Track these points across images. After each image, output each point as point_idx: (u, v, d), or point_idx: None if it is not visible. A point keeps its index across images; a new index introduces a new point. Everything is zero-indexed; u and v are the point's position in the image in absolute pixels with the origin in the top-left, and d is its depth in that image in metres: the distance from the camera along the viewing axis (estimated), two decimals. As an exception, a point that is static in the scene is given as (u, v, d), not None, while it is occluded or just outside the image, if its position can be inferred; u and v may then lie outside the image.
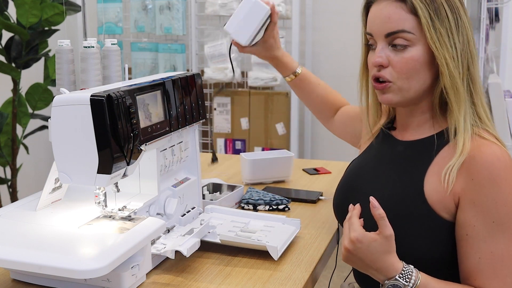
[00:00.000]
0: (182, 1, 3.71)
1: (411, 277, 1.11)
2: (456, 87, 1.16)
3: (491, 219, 1.11)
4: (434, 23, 1.15)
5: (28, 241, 1.14)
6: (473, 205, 1.12)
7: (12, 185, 3.16)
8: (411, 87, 1.20)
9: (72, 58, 1.36)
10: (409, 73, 1.18)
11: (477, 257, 1.12)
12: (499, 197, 1.10)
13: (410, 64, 1.18)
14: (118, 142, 1.11)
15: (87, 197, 1.31)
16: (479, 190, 1.11)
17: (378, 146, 1.33)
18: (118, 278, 1.13)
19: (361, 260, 1.13)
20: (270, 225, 1.48)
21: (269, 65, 3.64)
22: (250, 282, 1.23)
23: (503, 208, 1.10)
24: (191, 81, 1.44)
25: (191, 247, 1.25)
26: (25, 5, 2.88)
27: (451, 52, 1.15)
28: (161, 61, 3.83)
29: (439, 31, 1.15)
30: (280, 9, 3.54)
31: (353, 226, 1.14)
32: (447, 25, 1.16)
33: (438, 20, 1.15)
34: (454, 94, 1.16)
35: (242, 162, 1.91)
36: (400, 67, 1.18)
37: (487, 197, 1.11)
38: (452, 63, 1.15)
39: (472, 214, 1.12)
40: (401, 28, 1.17)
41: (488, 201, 1.11)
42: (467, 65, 1.18)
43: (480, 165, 1.12)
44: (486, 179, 1.11)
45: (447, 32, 1.15)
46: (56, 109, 1.12)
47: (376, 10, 1.21)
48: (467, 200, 1.13)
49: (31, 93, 3.17)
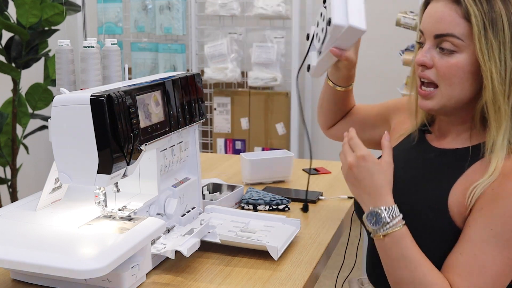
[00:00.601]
0: (182, 1, 3.71)
1: (394, 217, 1.12)
2: (498, 104, 1.11)
3: (489, 226, 1.07)
4: (487, 33, 1.09)
5: (28, 241, 1.14)
6: (480, 210, 1.09)
7: (12, 185, 3.16)
8: (453, 95, 1.15)
9: (72, 58, 1.36)
10: (452, 80, 1.14)
11: (459, 252, 1.10)
12: (508, 211, 1.06)
13: (453, 70, 1.13)
14: (118, 142, 1.11)
15: (87, 197, 1.31)
16: (493, 199, 1.08)
17: (410, 148, 1.29)
18: (118, 278, 1.13)
19: (359, 181, 1.15)
20: (270, 225, 1.48)
21: (269, 65, 3.64)
22: (250, 282, 1.23)
23: (508, 224, 1.06)
24: (191, 81, 1.44)
25: (191, 247, 1.25)
26: (25, 5, 2.88)
27: (498, 67, 1.10)
28: (161, 61, 3.83)
29: (491, 43, 1.09)
30: (280, 9, 3.54)
31: (359, 146, 1.15)
32: (501, 38, 1.10)
33: (492, 31, 1.09)
34: (494, 111, 1.11)
35: (242, 162, 1.91)
36: (444, 71, 1.14)
37: (497, 208, 1.07)
38: (498, 79, 1.10)
39: (475, 217, 1.10)
40: (451, 32, 1.13)
41: (496, 211, 1.07)
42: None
43: (505, 179, 1.08)
44: (506, 191, 1.07)
45: (499, 46, 1.10)
46: (56, 109, 1.12)
47: (431, 8, 1.17)
48: (477, 206, 1.10)
49: (31, 93, 3.17)
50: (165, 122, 1.30)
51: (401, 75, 3.47)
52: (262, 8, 3.56)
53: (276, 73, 3.64)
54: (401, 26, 3.27)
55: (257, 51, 3.65)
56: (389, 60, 3.80)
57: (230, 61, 3.69)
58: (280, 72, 3.66)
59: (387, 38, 3.80)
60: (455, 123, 1.21)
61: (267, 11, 3.56)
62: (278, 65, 3.64)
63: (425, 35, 1.18)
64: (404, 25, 3.25)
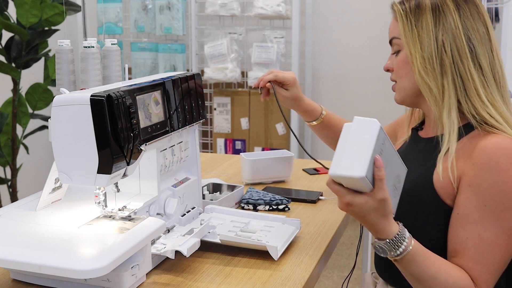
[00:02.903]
0: (182, 1, 3.71)
1: (399, 246, 1.11)
2: (427, 84, 1.24)
3: (483, 203, 1.14)
4: (411, 23, 1.26)
5: (28, 241, 1.14)
6: (468, 187, 1.16)
7: (12, 185, 3.16)
8: (405, 87, 1.30)
9: (72, 58, 1.36)
10: (400, 73, 1.31)
11: (465, 236, 1.15)
12: (496, 184, 1.13)
13: (400, 64, 1.30)
14: (118, 142, 1.11)
15: (87, 197, 1.31)
16: (477, 173, 1.14)
17: (406, 145, 1.41)
18: (118, 278, 1.13)
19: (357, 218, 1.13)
20: (270, 225, 1.48)
21: (269, 65, 3.65)
22: (250, 282, 1.23)
23: (498, 196, 1.13)
24: (191, 81, 1.44)
25: (191, 247, 1.25)
26: (25, 5, 2.88)
27: (423, 49, 1.23)
28: (161, 61, 3.83)
29: (414, 31, 1.25)
30: (280, 9, 3.54)
31: (340, 193, 1.10)
32: (423, 23, 1.24)
33: (414, 20, 1.25)
34: (428, 92, 1.24)
35: (242, 162, 1.91)
36: (395, 68, 1.32)
37: (483, 181, 1.14)
38: (421, 60, 1.23)
39: (466, 195, 1.16)
40: (392, 35, 1.32)
41: (484, 185, 1.14)
42: (451, 61, 1.21)
43: (482, 151, 1.15)
44: (486, 164, 1.13)
45: (424, 30, 1.24)
46: (56, 109, 1.12)
47: None
48: (465, 182, 1.16)
49: (31, 93, 3.17)
50: (165, 122, 1.30)
51: (401, 75, 3.47)
52: (262, 8, 3.56)
53: (276, 73, 3.63)
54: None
55: (257, 51, 3.65)
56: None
57: (230, 61, 3.69)
58: (280, 72, 3.66)
59: (387, 38, 3.80)
60: (428, 114, 1.34)
61: (267, 11, 3.56)
62: (278, 65, 3.64)
63: None
64: (404, 25, 3.25)
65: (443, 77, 1.22)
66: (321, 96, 4.00)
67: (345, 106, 3.97)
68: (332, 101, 3.99)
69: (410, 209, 1.24)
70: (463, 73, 1.21)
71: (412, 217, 1.23)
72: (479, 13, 1.25)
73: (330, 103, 3.99)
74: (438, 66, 1.23)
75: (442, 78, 1.22)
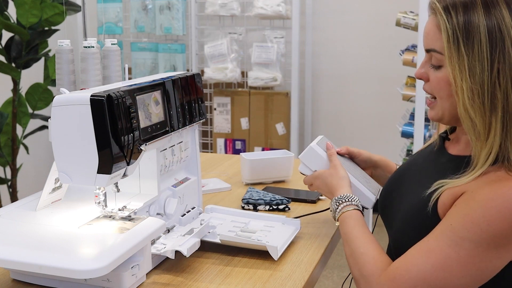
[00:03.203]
0: (182, 1, 3.71)
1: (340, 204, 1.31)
2: (471, 119, 1.07)
3: (450, 222, 1.06)
4: (459, 46, 1.06)
5: (28, 241, 1.14)
6: (453, 207, 1.08)
7: (12, 185, 3.16)
8: (447, 108, 1.15)
9: (72, 58, 1.36)
10: (441, 93, 1.14)
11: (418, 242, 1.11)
12: (475, 215, 1.03)
13: (441, 84, 1.13)
14: (118, 142, 1.11)
15: (87, 197, 1.31)
16: (467, 199, 1.06)
17: (429, 152, 1.30)
18: (118, 278, 1.13)
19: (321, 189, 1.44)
20: (270, 225, 1.48)
21: (269, 65, 3.65)
22: (250, 282, 1.23)
23: (468, 224, 1.04)
24: (191, 81, 1.44)
25: (191, 247, 1.25)
26: (25, 5, 2.88)
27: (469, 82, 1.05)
28: (161, 61, 3.83)
29: (462, 57, 1.06)
30: (280, 9, 3.54)
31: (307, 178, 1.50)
32: (476, 51, 1.05)
33: (465, 44, 1.06)
34: (471, 127, 1.08)
35: (242, 162, 1.91)
36: (434, 85, 1.15)
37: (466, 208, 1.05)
38: (468, 93, 1.06)
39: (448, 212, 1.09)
40: (433, 47, 1.13)
41: (464, 210, 1.05)
42: (504, 96, 1.05)
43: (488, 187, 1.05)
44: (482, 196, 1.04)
45: (475, 58, 1.05)
46: (56, 109, 1.12)
47: (426, 23, 1.17)
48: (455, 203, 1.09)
49: (31, 93, 3.17)
50: (165, 122, 1.30)
51: (401, 75, 3.47)
52: (262, 8, 3.56)
53: (276, 73, 3.64)
54: (401, 26, 3.27)
55: (257, 51, 3.65)
56: (389, 60, 3.80)
57: (230, 61, 3.69)
58: (280, 72, 3.66)
59: (387, 38, 3.80)
60: (464, 132, 1.19)
61: (267, 11, 3.56)
62: (278, 65, 3.65)
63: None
64: (404, 25, 3.25)
65: (492, 114, 1.06)
66: (321, 96, 4.01)
67: (345, 106, 3.97)
68: (332, 101, 3.99)
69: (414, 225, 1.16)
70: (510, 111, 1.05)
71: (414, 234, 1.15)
72: None
73: (330, 103, 3.99)
74: (488, 101, 1.05)
75: (491, 115, 1.06)
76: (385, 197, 1.35)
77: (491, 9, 1.05)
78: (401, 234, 1.20)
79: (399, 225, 1.21)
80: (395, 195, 1.30)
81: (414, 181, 1.25)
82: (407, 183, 1.27)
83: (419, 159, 1.33)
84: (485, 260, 1.04)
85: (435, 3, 1.11)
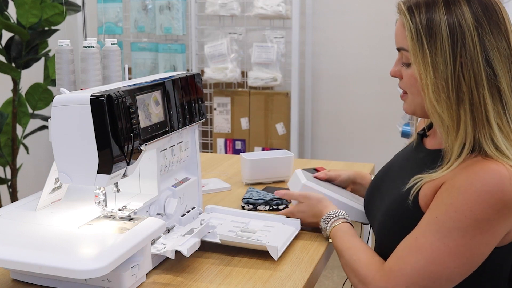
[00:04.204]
0: (182, 1, 3.71)
1: (329, 221, 1.35)
2: (439, 114, 1.10)
3: (435, 214, 1.09)
4: (423, 43, 1.10)
5: (28, 241, 1.14)
6: (435, 198, 1.11)
7: (12, 185, 3.16)
8: (417, 103, 1.18)
9: (72, 58, 1.36)
10: (412, 89, 1.18)
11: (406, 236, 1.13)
12: (456, 202, 1.06)
13: (411, 81, 1.17)
14: (118, 142, 1.11)
15: (87, 197, 1.31)
16: (448, 188, 1.09)
17: (409, 150, 1.34)
18: (118, 278, 1.13)
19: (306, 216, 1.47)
20: (270, 225, 1.48)
21: (269, 65, 3.65)
22: (250, 282, 1.23)
23: (452, 213, 1.06)
24: (191, 81, 1.44)
25: (191, 247, 1.25)
26: (25, 5, 2.88)
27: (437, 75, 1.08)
28: (161, 61, 3.83)
29: (426, 53, 1.09)
30: (280, 9, 3.54)
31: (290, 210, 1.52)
32: (438, 45, 1.08)
33: (428, 41, 1.09)
34: (439, 121, 1.11)
35: (242, 162, 1.91)
36: (405, 81, 1.19)
37: (447, 197, 1.08)
38: (433, 88, 1.09)
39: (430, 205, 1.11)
40: (401, 45, 1.17)
41: (446, 200, 1.08)
42: (468, 89, 1.08)
43: (465, 172, 1.08)
44: (461, 183, 1.07)
45: (437, 54, 1.08)
46: (56, 109, 1.12)
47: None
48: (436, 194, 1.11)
49: (31, 93, 3.17)
50: (165, 122, 1.30)
51: (401, 75, 3.46)
52: (262, 8, 3.56)
53: (276, 73, 3.64)
54: (401, 26, 3.26)
55: (257, 51, 3.65)
56: (389, 60, 3.79)
57: (230, 61, 3.69)
58: (280, 72, 3.66)
59: (387, 38, 3.80)
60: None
61: (267, 11, 3.56)
62: (278, 65, 3.64)
63: None
64: (404, 25, 3.24)
65: (459, 107, 1.09)
66: (321, 96, 4.00)
67: (345, 106, 3.97)
68: (332, 101, 3.99)
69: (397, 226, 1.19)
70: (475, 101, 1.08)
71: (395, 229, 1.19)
72: (500, 23, 1.10)
73: (330, 103, 3.99)
74: (454, 95, 1.08)
75: (458, 108, 1.09)
76: (368, 196, 1.40)
77: (452, 7, 1.09)
78: (383, 227, 1.24)
79: (381, 219, 1.25)
80: (376, 194, 1.34)
81: (394, 178, 1.28)
82: (388, 181, 1.31)
83: (399, 159, 1.37)
84: (473, 247, 1.07)
85: (400, 4, 1.16)
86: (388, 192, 1.28)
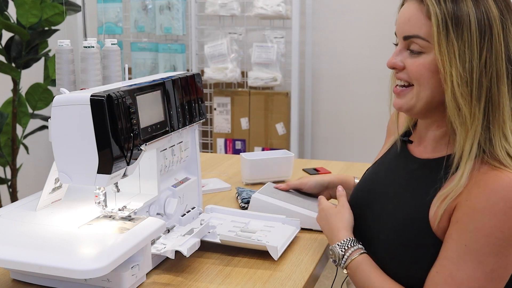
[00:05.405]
0: (182, 1, 3.71)
1: (348, 249, 1.20)
2: (460, 108, 1.05)
3: (464, 243, 1.04)
4: (449, 33, 1.05)
5: (28, 241, 1.14)
6: (456, 223, 1.06)
7: (12, 185, 3.16)
8: (424, 96, 1.12)
9: (72, 58, 1.36)
10: (421, 80, 1.11)
11: (436, 271, 1.07)
12: (484, 226, 1.02)
13: (421, 70, 1.10)
14: (118, 142, 1.11)
15: (87, 197, 1.31)
16: (468, 212, 1.04)
17: (393, 159, 1.28)
18: (118, 278, 1.13)
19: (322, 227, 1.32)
20: (270, 225, 1.48)
21: (269, 65, 3.65)
22: (250, 282, 1.23)
23: (483, 239, 1.02)
24: (191, 81, 1.44)
25: (191, 247, 1.25)
26: (25, 5, 2.88)
27: (459, 69, 1.04)
28: (161, 61, 3.83)
29: (452, 43, 1.04)
30: (280, 9, 3.54)
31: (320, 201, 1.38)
32: (466, 38, 1.04)
33: (455, 31, 1.05)
34: (457, 115, 1.06)
35: (242, 162, 1.91)
36: (413, 71, 1.12)
37: (472, 222, 1.03)
38: (458, 81, 1.04)
39: (451, 231, 1.06)
40: (416, 33, 1.10)
41: (471, 225, 1.03)
42: (488, 85, 1.05)
43: (482, 190, 1.03)
44: (482, 204, 1.03)
45: (463, 46, 1.04)
46: (56, 109, 1.12)
47: (402, 10, 1.15)
48: (454, 218, 1.07)
49: (31, 93, 3.17)
50: (165, 122, 1.30)
51: (401, 75, 3.46)
52: (262, 8, 3.56)
53: (276, 73, 3.63)
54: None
55: (257, 51, 3.65)
56: (389, 60, 3.79)
57: (230, 61, 3.69)
58: (280, 72, 3.66)
59: (387, 38, 3.80)
60: (431, 128, 1.18)
61: (267, 11, 3.56)
62: (278, 65, 3.64)
63: (397, 37, 1.16)
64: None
65: (477, 103, 1.05)
66: (321, 96, 4.00)
67: (345, 106, 3.97)
68: (332, 101, 3.99)
69: (399, 241, 1.14)
70: (494, 99, 1.05)
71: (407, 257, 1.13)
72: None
73: (330, 103, 3.99)
74: (476, 90, 1.04)
75: (477, 104, 1.05)
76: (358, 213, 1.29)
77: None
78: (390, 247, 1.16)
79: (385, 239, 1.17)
80: (366, 211, 1.26)
81: (388, 193, 1.21)
82: (380, 197, 1.24)
83: (383, 169, 1.29)
84: (508, 264, 1.05)
85: None
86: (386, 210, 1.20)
